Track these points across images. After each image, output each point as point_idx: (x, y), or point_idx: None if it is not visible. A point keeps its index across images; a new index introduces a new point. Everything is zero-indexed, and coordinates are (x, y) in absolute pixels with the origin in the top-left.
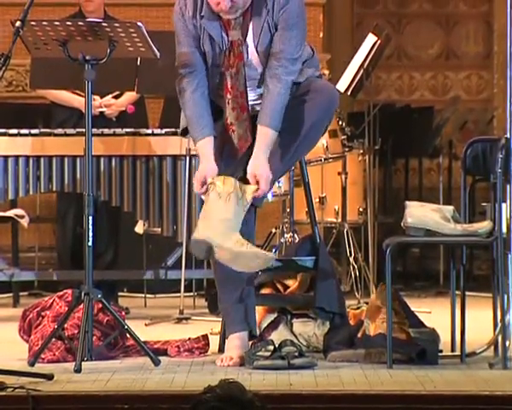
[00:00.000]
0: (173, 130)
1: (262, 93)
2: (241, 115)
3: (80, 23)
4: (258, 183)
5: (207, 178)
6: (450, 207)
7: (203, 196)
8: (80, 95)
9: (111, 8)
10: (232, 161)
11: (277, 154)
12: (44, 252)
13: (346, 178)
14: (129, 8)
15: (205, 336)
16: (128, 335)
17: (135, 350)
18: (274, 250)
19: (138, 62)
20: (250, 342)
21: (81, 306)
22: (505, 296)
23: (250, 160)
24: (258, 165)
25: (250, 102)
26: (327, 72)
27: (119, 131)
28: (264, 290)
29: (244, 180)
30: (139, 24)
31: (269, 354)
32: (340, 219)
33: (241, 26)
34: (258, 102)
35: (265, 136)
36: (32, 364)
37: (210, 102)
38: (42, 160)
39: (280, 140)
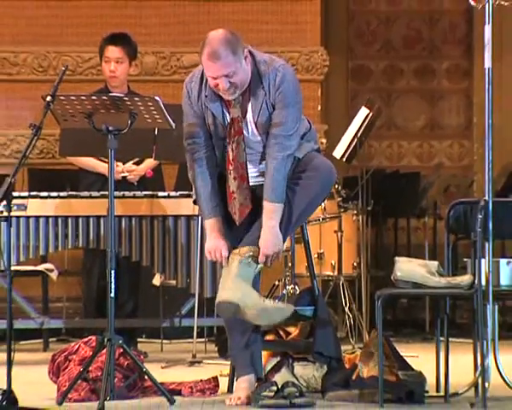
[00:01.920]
0: (187, 192)
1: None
2: (241, 184)
3: (104, 97)
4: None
5: (223, 252)
6: (435, 263)
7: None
8: (105, 161)
9: (133, 83)
10: (233, 226)
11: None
12: (71, 302)
13: (341, 236)
14: (148, 84)
15: (215, 378)
16: (146, 377)
17: (152, 390)
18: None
19: (156, 132)
20: (256, 383)
21: (104, 350)
22: (484, 342)
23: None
24: (264, 240)
25: (252, 176)
26: (324, 140)
27: (138, 193)
28: (268, 337)
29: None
30: (157, 98)
31: (272, 394)
32: (336, 273)
33: (240, 104)
34: (261, 178)
35: (267, 210)
36: (60, 403)
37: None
38: (69, 219)
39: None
